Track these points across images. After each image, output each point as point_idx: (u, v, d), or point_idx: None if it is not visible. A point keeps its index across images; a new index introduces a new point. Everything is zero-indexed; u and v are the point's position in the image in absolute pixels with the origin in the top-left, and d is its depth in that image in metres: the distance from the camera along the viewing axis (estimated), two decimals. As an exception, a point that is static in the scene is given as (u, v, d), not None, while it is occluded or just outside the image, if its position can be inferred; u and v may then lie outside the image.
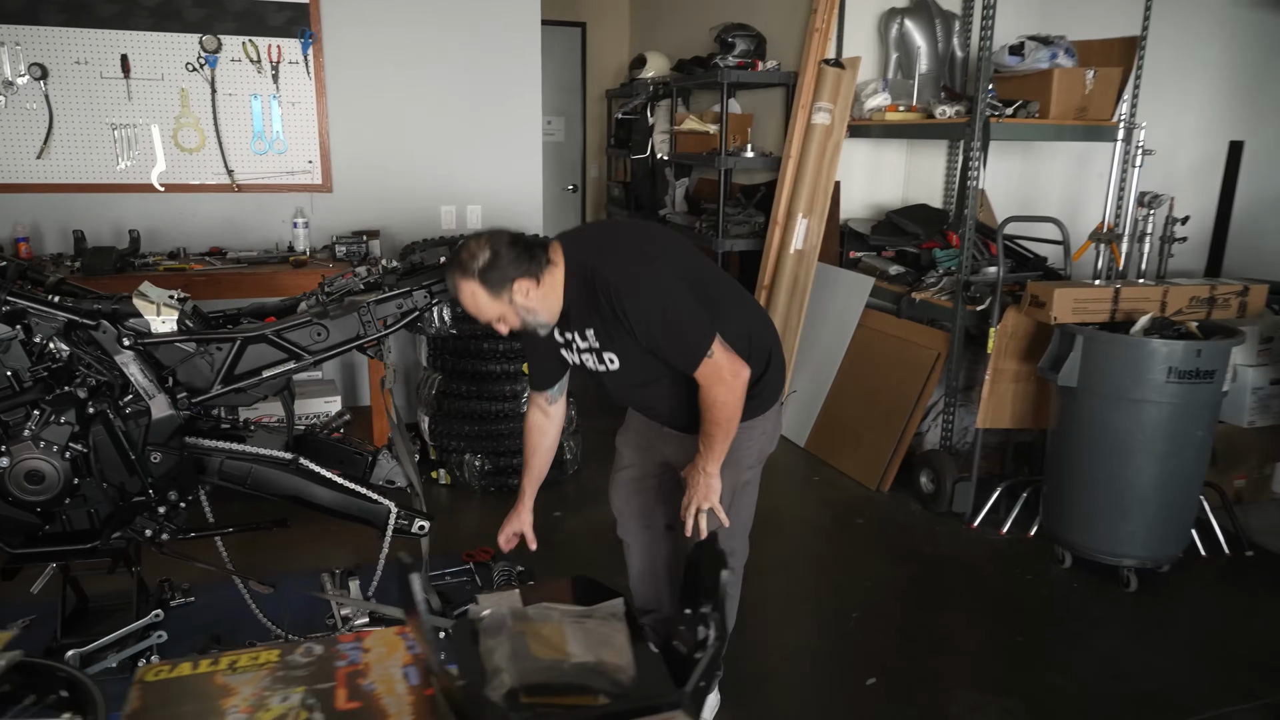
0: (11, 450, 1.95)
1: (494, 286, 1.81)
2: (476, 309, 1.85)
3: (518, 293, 1.82)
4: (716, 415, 1.91)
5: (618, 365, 1.94)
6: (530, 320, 1.88)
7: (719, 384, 1.89)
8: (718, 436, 1.93)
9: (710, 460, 1.96)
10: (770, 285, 4.53)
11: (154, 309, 2.04)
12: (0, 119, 3.54)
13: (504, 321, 1.87)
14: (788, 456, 4.23)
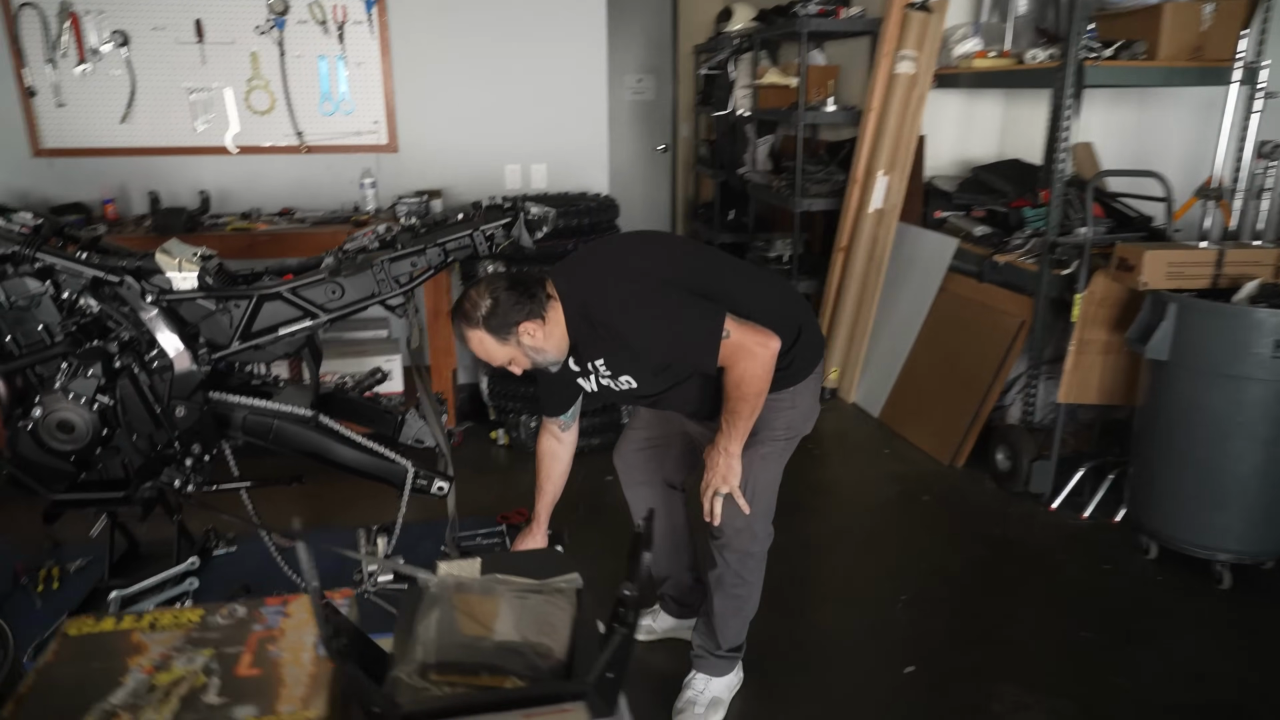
0: (44, 401, 2.03)
1: (500, 332, 1.80)
2: (487, 355, 1.84)
3: (524, 335, 1.81)
4: (744, 390, 1.81)
5: (637, 385, 1.92)
6: (540, 359, 1.86)
7: (746, 358, 1.78)
8: (742, 413, 1.83)
9: (733, 439, 1.86)
10: (848, 246, 4.30)
11: (175, 266, 2.06)
12: (87, 85, 3.70)
13: (515, 364, 1.87)
14: (860, 427, 4.03)
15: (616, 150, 7.58)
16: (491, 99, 4.01)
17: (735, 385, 1.81)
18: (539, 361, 1.86)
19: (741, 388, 1.80)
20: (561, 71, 4.09)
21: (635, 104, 7.58)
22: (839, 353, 4.34)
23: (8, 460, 2.08)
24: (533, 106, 4.06)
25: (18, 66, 3.64)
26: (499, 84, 4.00)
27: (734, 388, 1.81)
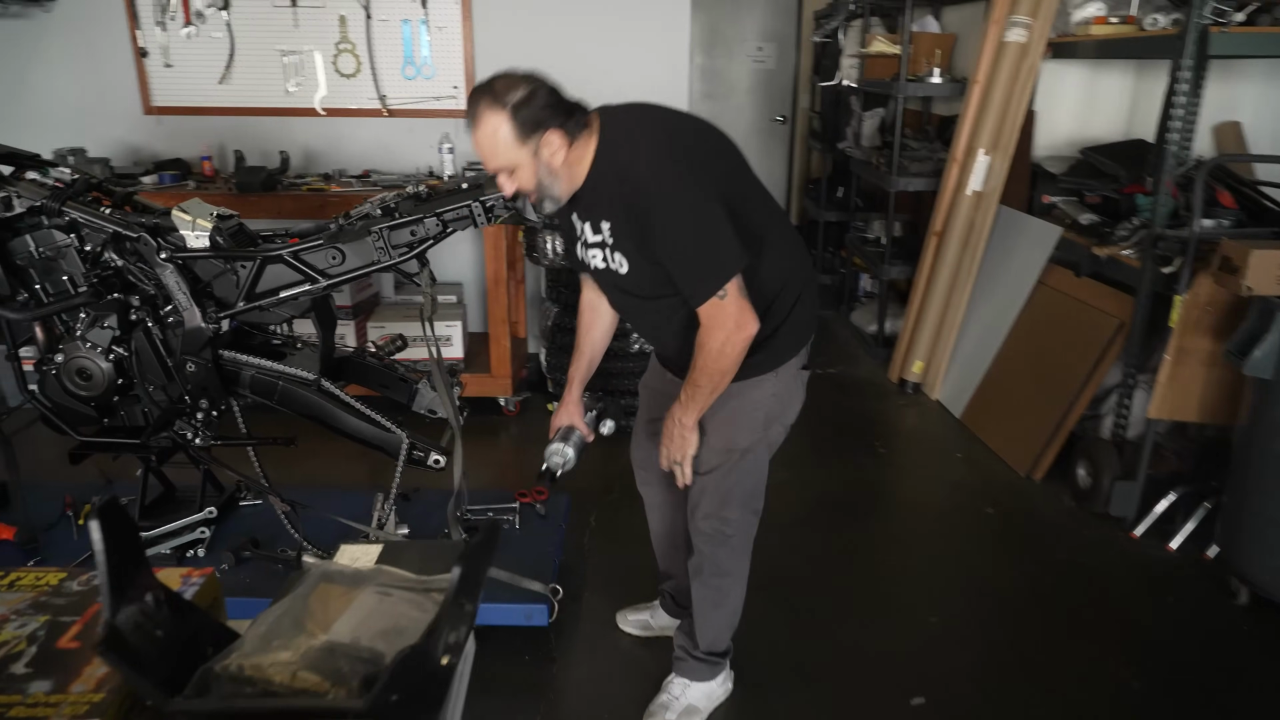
0: (65, 348, 2.13)
1: (523, 128, 1.58)
2: (492, 150, 1.60)
3: (545, 145, 1.61)
4: (707, 363, 1.68)
5: (626, 270, 1.71)
6: (546, 184, 1.65)
7: (719, 329, 1.63)
8: (702, 386, 1.71)
9: (689, 411, 1.75)
10: (942, 231, 3.97)
11: (190, 224, 2.11)
12: (192, 47, 3.88)
13: (514, 177, 1.64)
14: (937, 427, 3.75)
15: (734, 120, 7.37)
16: (570, 66, 3.87)
17: (700, 352, 1.68)
18: (542, 185, 1.65)
19: (704, 358, 1.67)
20: (642, 43, 3.95)
21: (756, 72, 7.33)
22: (925, 345, 4.04)
23: (39, 401, 2.20)
24: (612, 76, 3.95)
25: (132, 28, 3.85)
26: (578, 51, 3.91)
27: (698, 353, 1.68)
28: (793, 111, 7.37)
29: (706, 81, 7.36)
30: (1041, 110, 3.73)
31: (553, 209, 1.72)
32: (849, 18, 5.18)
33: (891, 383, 4.20)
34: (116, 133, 3.99)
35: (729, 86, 7.36)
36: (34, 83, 3.97)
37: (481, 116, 1.59)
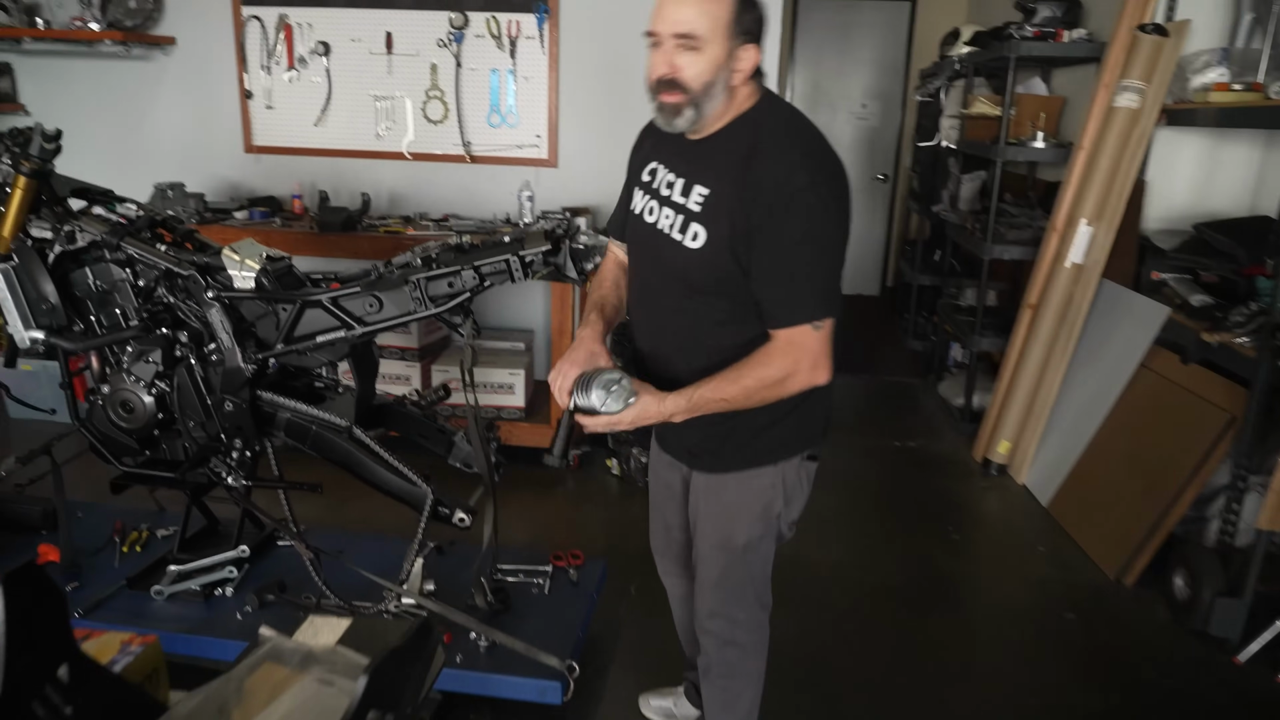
0: (111, 379, 2.17)
1: (738, 22, 1.42)
2: (696, 12, 1.40)
3: (741, 56, 1.45)
4: (750, 383, 1.47)
5: (698, 246, 1.49)
6: (707, 92, 1.43)
7: (793, 359, 1.46)
8: (724, 398, 1.48)
9: (680, 402, 1.50)
10: (1038, 303, 3.71)
11: (237, 264, 2.13)
12: (292, 90, 4.04)
13: (691, 57, 1.41)
14: (1020, 515, 3.46)
15: (833, 177, 7.22)
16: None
17: (754, 371, 1.47)
18: (705, 90, 1.43)
19: (755, 380, 1.47)
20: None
21: (860, 129, 7.19)
22: (1013, 424, 3.76)
23: (87, 430, 2.25)
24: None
25: (240, 72, 4.04)
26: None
27: (749, 371, 1.47)
28: (895, 170, 7.18)
29: (807, 137, 7.23)
30: (1153, 180, 3.46)
31: (684, 127, 1.48)
32: (953, 77, 5.00)
33: (975, 462, 3.93)
34: (219, 169, 4.18)
35: (831, 142, 7.20)
36: (153, 120, 4.20)
37: None
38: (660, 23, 1.44)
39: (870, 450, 4.08)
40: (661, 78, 1.45)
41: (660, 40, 1.44)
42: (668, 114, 1.47)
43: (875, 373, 5.29)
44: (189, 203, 3.71)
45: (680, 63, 1.43)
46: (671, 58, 1.43)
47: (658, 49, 1.45)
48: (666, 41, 1.43)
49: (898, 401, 4.84)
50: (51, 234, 2.14)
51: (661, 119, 1.49)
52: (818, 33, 6.98)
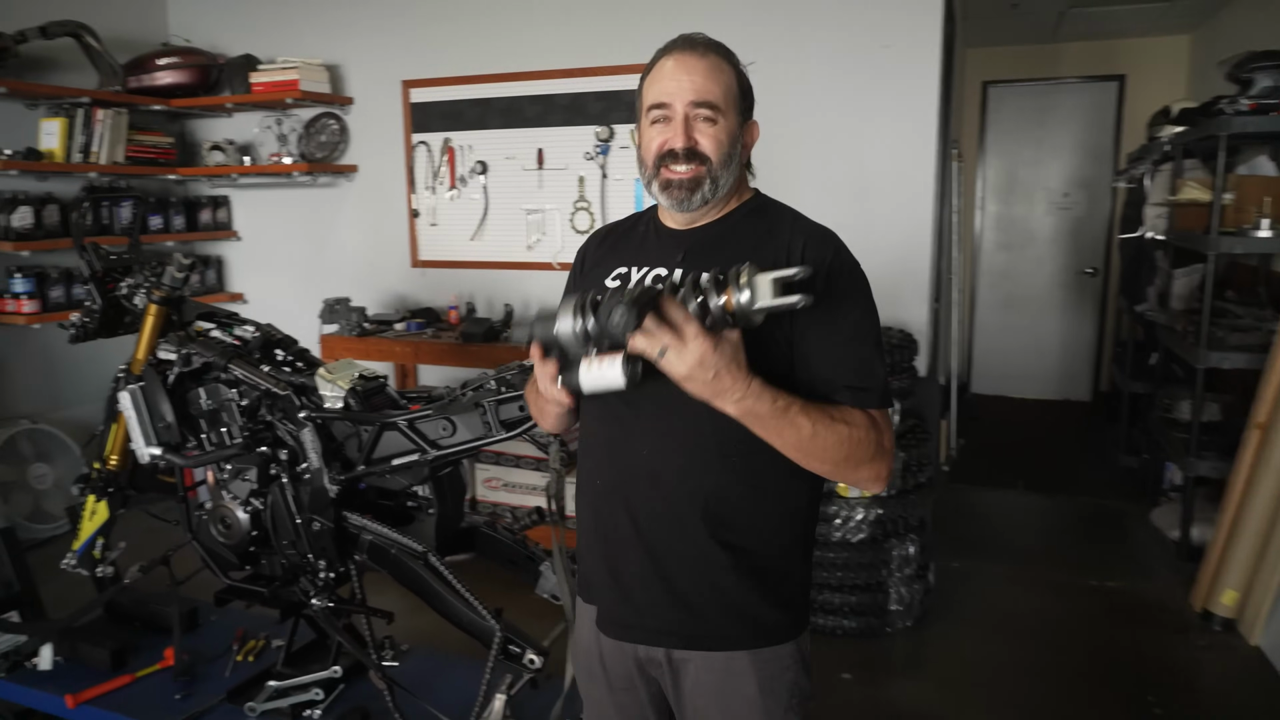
0: (213, 495, 2.24)
1: (744, 96, 1.37)
2: (714, 83, 1.31)
3: (750, 131, 1.40)
4: (840, 428, 1.23)
5: None
6: (724, 165, 1.32)
7: (871, 431, 1.26)
8: (813, 419, 1.21)
9: (761, 386, 1.18)
10: (1267, 423, 3.07)
11: (328, 385, 2.15)
12: (453, 208, 4.25)
13: (713, 127, 1.31)
14: (1248, 685, 2.80)
15: (1032, 272, 6.65)
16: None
17: (845, 421, 1.24)
18: (723, 161, 1.32)
19: (842, 427, 1.23)
20: (887, 188, 3.62)
21: (1063, 220, 6.61)
22: (1241, 569, 3.09)
23: (198, 543, 2.33)
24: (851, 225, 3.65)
25: (409, 193, 4.32)
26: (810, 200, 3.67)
27: (840, 417, 1.24)
28: (1105, 264, 6.48)
29: (1001, 230, 6.76)
30: None
31: (699, 205, 1.33)
32: (1159, 160, 4.44)
33: (1193, 611, 3.25)
34: (390, 282, 4.44)
35: (1027, 236, 6.69)
36: (337, 239, 4.57)
37: (707, 53, 1.33)
38: (674, 93, 1.31)
39: (1060, 589, 3.50)
40: (677, 149, 1.31)
41: (672, 113, 1.32)
42: (684, 189, 1.32)
43: (1076, 492, 4.63)
44: (352, 316, 3.95)
45: (699, 134, 1.32)
46: (688, 129, 1.31)
47: (666, 123, 1.33)
48: (680, 113, 1.31)
49: (1101, 529, 4.17)
50: (175, 356, 2.27)
51: (671, 198, 1.33)
52: (1011, 119, 6.55)
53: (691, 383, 1.14)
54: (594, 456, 1.42)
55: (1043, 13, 5.41)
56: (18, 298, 3.76)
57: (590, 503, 1.44)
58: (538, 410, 1.48)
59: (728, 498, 1.31)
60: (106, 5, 4.34)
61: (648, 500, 1.34)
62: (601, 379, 1.14)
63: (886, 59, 3.50)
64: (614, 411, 1.36)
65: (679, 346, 1.11)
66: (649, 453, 1.34)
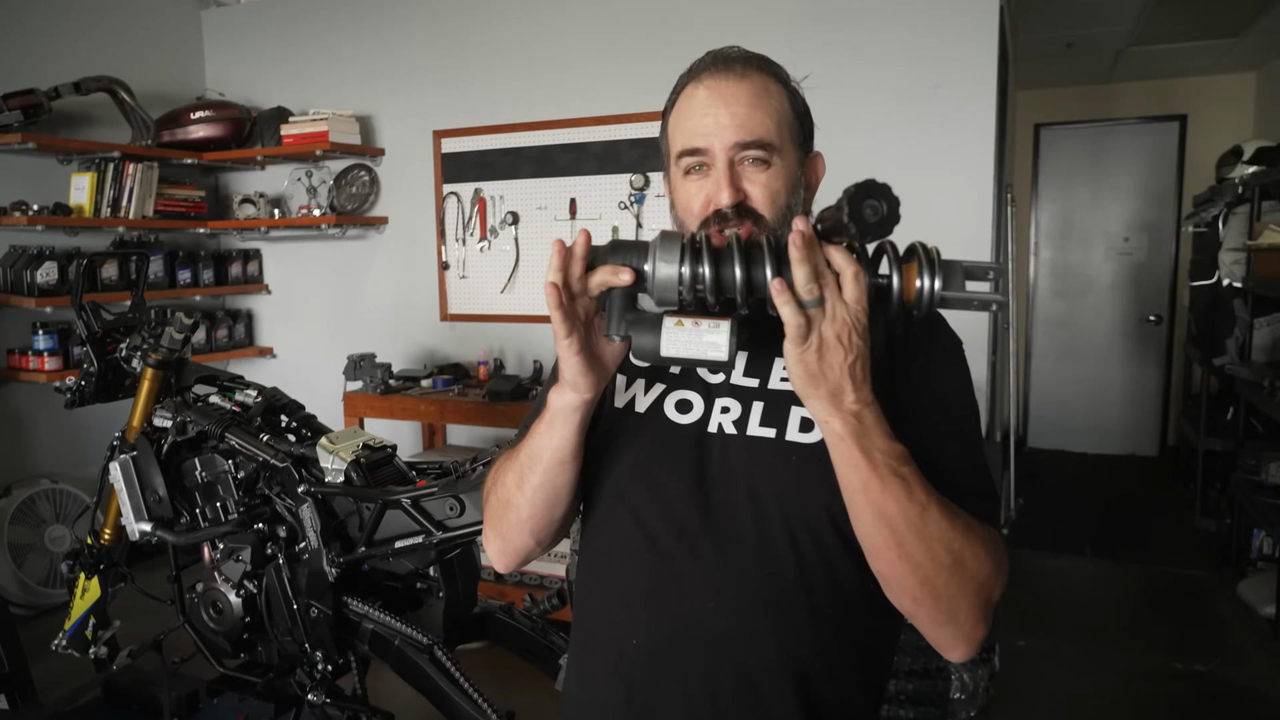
0: (204, 577, 2.07)
1: (800, 121, 1.07)
2: (761, 111, 1.01)
3: (814, 166, 1.11)
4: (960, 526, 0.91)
5: (815, 436, 0.98)
6: (787, 212, 1.02)
7: (993, 549, 0.94)
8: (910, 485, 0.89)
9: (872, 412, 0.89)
10: (1376, 495, 2.75)
11: (329, 457, 1.98)
12: (483, 260, 4.11)
13: (766, 169, 1.01)
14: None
15: (1091, 321, 6.34)
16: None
17: (972, 528, 0.92)
18: (787, 208, 1.03)
19: (963, 528, 0.91)
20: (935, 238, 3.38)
21: (1124, 266, 6.29)
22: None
23: (190, 628, 2.15)
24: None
25: (439, 245, 4.20)
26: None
27: (965, 520, 0.92)
28: (1170, 311, 6.14)
29: (1057, 277, 6.47)
30: None
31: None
32: (1233, 203, 4.15)
33: (1295, 704, 2.90)
34: (418, 337, 4.30)
35: (1085, 282, 6.38)
36: (366, 292, 4.46)
37: (749, 73, 1.04)
38: (711, 132, 1.01)
39: (1138, 673, 3.17)
40: (725, 207, 1.00)
41: (710, 159, 1.02)
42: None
43: (1150, 559, 4.27)
44: (376, 373, 3.80)
45: (748, 183, 1.01)
46: (734, 178, 1.01)
47: (704, 173, 1.02)
48: (722, 158, 1.01)
49: (1180, 602, 3.82)
50: (170, 423, 2.12)
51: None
52: (1065, 162, 6.29)
53: (824, 357, 0.85)
54: (624, 604, 1.03)
55: (1099, 53, 5.19)
56: (40, 354, 3.69)
57: (617, 670, 1.02)
58: (515, 476, 1.04)
59: (823, 669, 0.99)
60: (144, 60, 4.34)
61: (712, 673, 0.98)
62: (695, 341, 0.88)
63: (938, 100, 3.30)
64: (653, 538, 1.00)
65: (832, 301, 0.85)
66: (715, 605, 0.98)
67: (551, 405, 0.99)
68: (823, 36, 3.43)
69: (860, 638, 1.02)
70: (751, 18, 3.52)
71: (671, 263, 0.89)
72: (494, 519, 1.09)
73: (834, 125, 3.32)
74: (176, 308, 4.32)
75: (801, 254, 0.85)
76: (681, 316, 0.90)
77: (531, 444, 1.02)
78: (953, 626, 0.94)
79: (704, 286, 0.88)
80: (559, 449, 1.00)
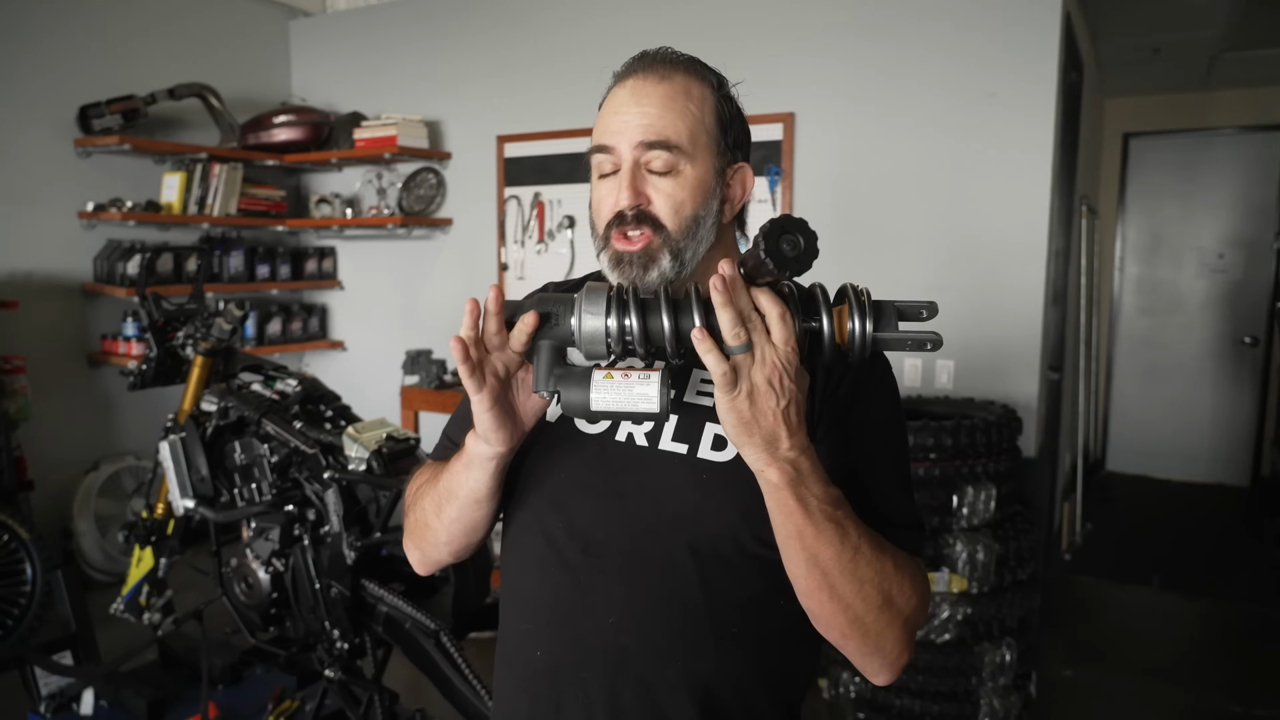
0: (238, 553, 2.20)
1: (724, 128, 1.03)
2: (673, 112, 0.99)
3: (738, 177, 1.04)
4: (888, 560, 0.93)
5: (730, 455, 0.98)
6: (689, 232, 0.98)
7: (919, 581, 0.98)
8: (845, 527, 0.90)
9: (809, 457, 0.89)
10: None
11: (353, 445, 2.08)
12: (540, 261, 4.21)
13: (670, 176, 0.98)
14: None
15: (1181, 340, 6.05)
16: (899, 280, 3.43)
17: (896, 561, 0.95)
18: (686, 228, 0.98)
19: (890, 562, 0.93)
20: (987, 252, 3.31)
21: (1217, 284, 5.99)
22: None
23: (229, 599, 2.29)
24: (945, 292, 3.36)
25: (499, 246, 4.32)
26: (909, 265, 3.41)
27: (891, 553, 0.95)
28: (1268, 332, 5.79)
29: (1143, 295, 6.19)
30: None
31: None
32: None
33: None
34: (477, 335, 4.43)
35: (1174, 300, 6.09)
36: (430, 291, 4.62)
37: (671, 74, 1.01)
38: (617, 131, 0.99)
39: (1196, 715, 3.01)
40: (625, 209, 0.98)
41: (617, 159, 0.99)
42: (634, 265, 0.98)
43: (1224, 594, 4.05)
44: (431, 368, 3.94)
45: (651, 188, 0.98)
46: (636, 181, 0.98)
47: (614, 174, 1.00)
48: (627, 158, 0.98)
49: (1252, 642, 3.61)
50: (215, 408, 2.27)
51: (620, 273, 0.99)
52: (1155, 174, 6.02)
53: (755, 403, 0.84)
54: (530, 617, 1.04)
55: (1191, 59, 4.94)
56: (129, 340, 3.95)
57: (523, 683, 1.04)
58: (432, 501, 1.04)
59: (729, 688, 0.99)
60: (235, 67, 4.61)
61: (614, 689, 0.99)
62: (625, 395, 0.87)
63: (992, 109, 3.23)
64: (560, 552, 1.01)
65: (761, 345, 0.84)
66: (616, 622, 0.98)
67: (468, 450, 0.98)
68: (872, 47, 3.39)
69: (772, 659, 1.02)
70: (801, 26, 3.51)
71: (598, 315, 0.87)
72: (412, 534, 1.11)
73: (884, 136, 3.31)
74: (255, 300, 4.57)
75: (723, 297, 0.83)
76: (610, 370, 0.89)
77: (449, 479, 1.02)
78: (879, 656, 0.96)
79: (632, 339, 0.87)
80: (474, 490, 1.00)
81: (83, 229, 4.00)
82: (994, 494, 2.82)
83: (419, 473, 1.14)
